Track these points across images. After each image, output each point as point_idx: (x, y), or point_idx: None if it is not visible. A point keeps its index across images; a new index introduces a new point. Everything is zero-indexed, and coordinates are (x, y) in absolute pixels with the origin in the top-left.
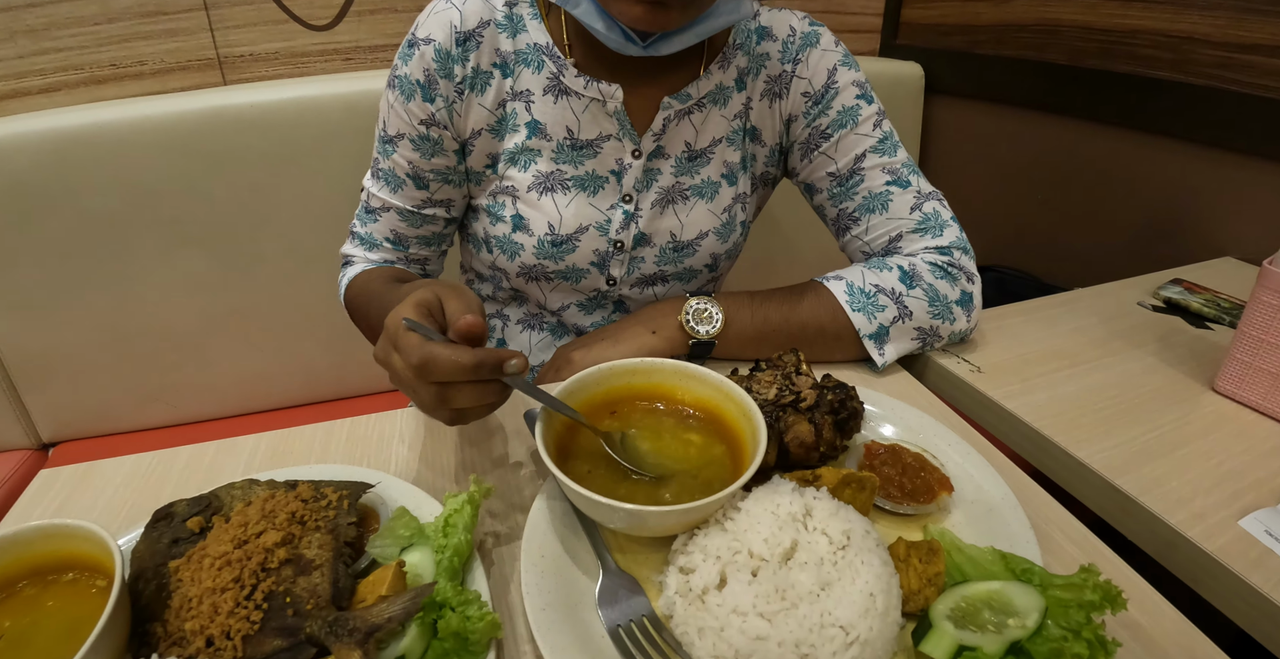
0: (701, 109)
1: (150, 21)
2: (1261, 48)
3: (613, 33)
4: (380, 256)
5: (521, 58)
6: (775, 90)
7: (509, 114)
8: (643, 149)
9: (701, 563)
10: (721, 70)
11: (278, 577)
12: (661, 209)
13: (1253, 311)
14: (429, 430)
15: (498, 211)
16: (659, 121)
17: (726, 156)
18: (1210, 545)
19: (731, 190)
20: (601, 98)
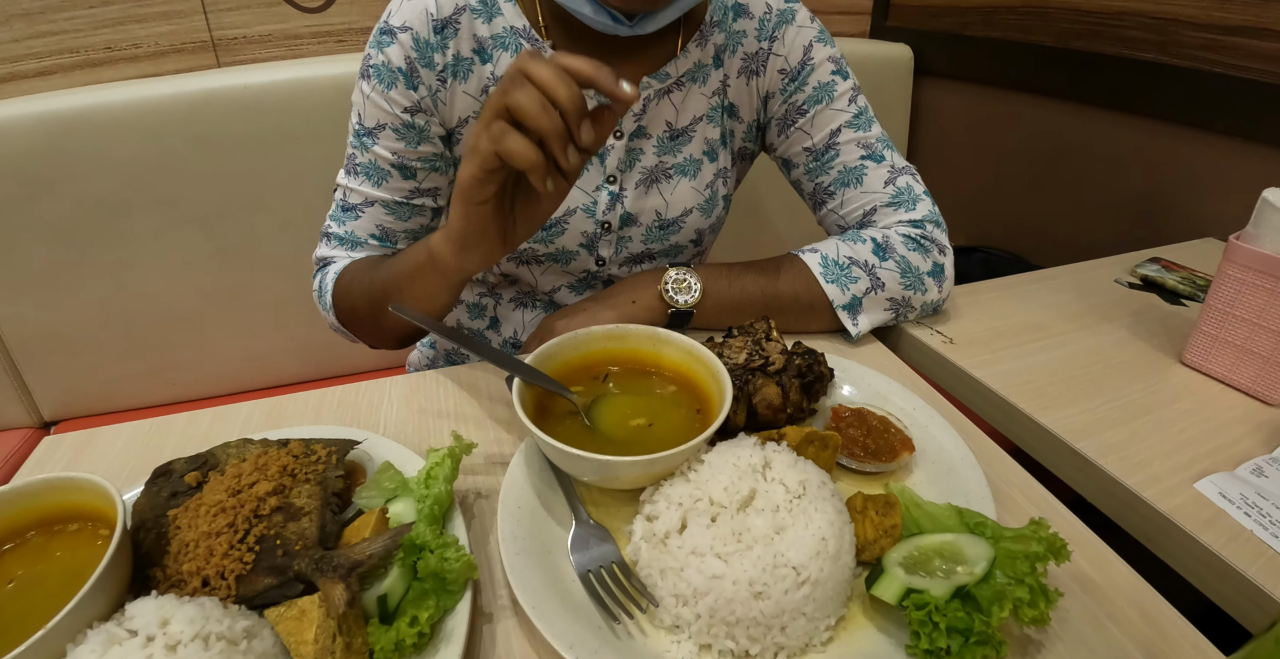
0: (681, 87)
1: (144, 4)
2: (1245, 30)
3: (600, 16)
4: (364, 255)
5: (499, 42)
6: (752, 68)
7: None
8: (624, 129)
9: (665, 510)
10: (699, 48)
11: (269, 522)
12: (646, 188)
13: (1219, 285)
14: (417, 395)
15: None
16: (639, 101)
17: (707, 133)
18: (1164, 506)
19: (713, 166)
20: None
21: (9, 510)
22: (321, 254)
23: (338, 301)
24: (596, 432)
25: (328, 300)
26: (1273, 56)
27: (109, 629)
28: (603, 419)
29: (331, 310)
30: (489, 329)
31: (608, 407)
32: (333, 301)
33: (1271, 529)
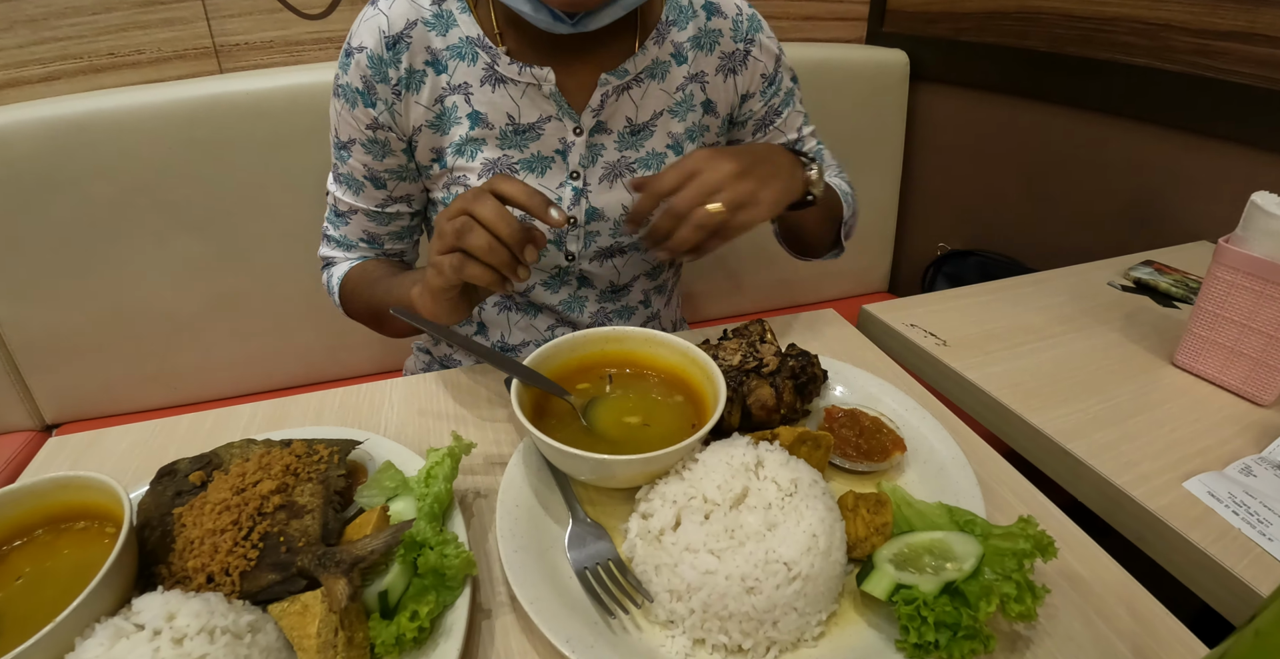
0: (640, 84)
1: (147, 11)
2: (1236, 35)
3: (540, 14)
4: (358, 255)
5: (455, 52)
6: (730, 66)
7: (448, 108)
8: (583, 126)
9: (660, 508)
10: (657, 46)
11: (272, 520)
12: (610, 183)
13: (1209, 287)
14: (417, 396)
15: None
16: (597, 98)
17: (670, 128)
18: (1153, 505)
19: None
20: (536, 82)
21: (18, 508)
22: (324, 253)
23: (345, 303)
24: (593, 432)
25: (337, 299)
26: (1264, 61)
27: (117, 623)
28: (599, 419)
29: (340, 307)
30: (476, 334)
31: (604, 407)
32: (340, 302)
33: (1259, 527)
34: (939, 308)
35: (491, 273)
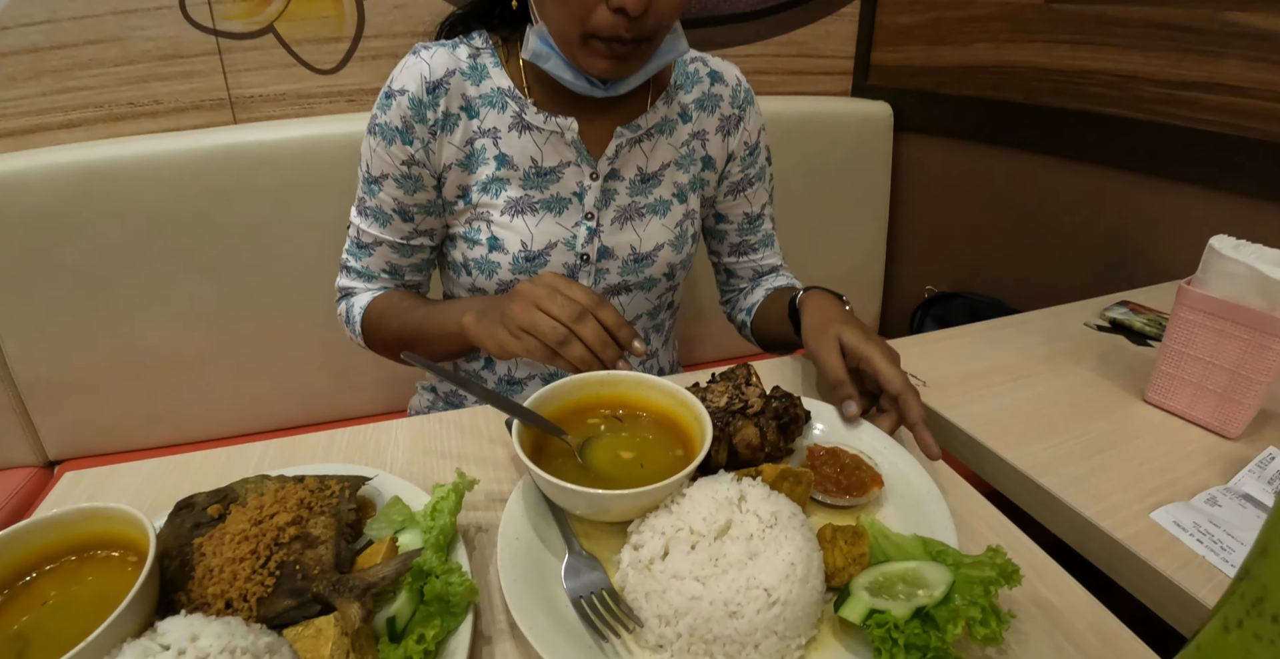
0: (650, 138)
1: (167, 64)
2: (1200, 85)
3: (579, 80)
4: (379, 286)
5: (486, 100)
6: (727, 128)
7: (477, 150)
8: (599, 172)
9: (650, 539)
10: (666, 105)
11: (288, 549)
12: (621, 225)
13: (1174, 327)
14: (422, 436)
15: (474, 236)
16: (612, 148)
17: (676, 178)
18: (1121, 535)
19: (682, 207)
20: (559, 130)
21: (46, 537)
22: (343, 284)
23: (367, 332)
24: (589, 469)
25: (357, 328)
26: (1226, 109)
27: (143, 643)
28: (595, 458)
29: (361, 337)
30: (484, 369)
31: (599, 446)
32: (362, 330)
33: (1222, 554)
34: (920, 350)
35: (597, 362)
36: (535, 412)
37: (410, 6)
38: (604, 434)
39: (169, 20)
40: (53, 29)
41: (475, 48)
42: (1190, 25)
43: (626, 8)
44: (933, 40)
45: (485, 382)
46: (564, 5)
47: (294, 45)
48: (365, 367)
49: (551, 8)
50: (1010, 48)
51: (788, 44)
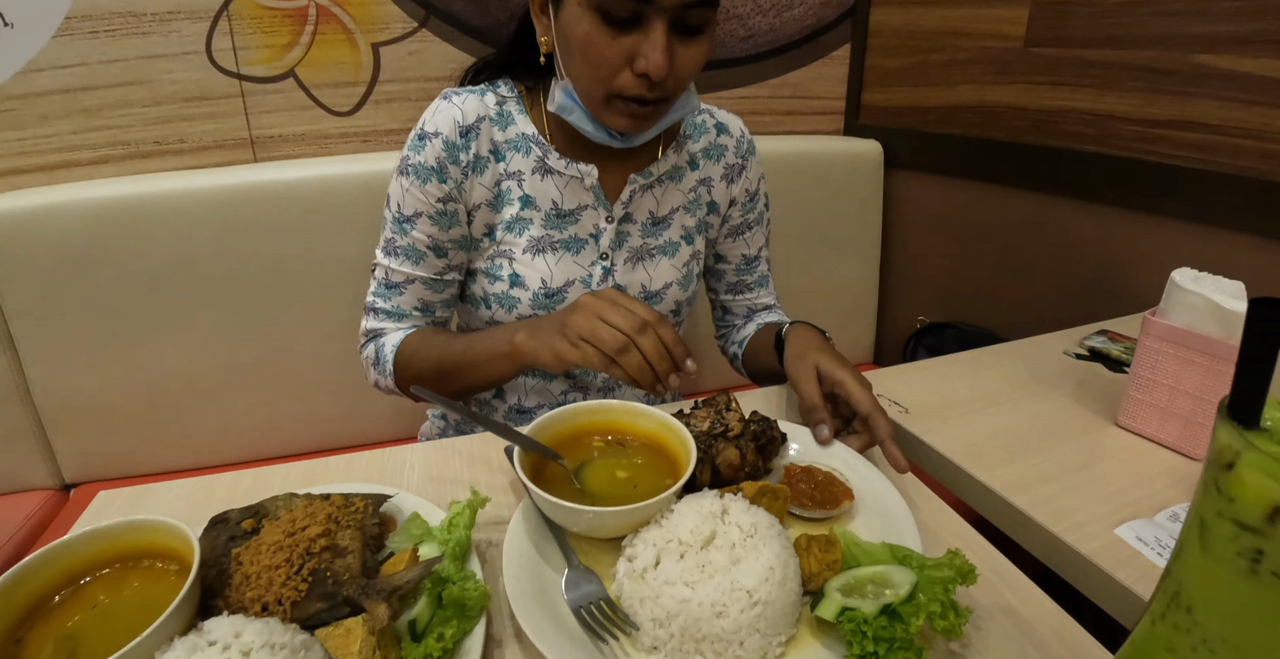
0: (661, 184)
1: (193, 105)
2: (1172, 123)
3: (600, 132)
4: (410, 325)
5: (512, 145)
6: (730, 176)
7: (504, 191)
8: (614, 215)
9: (642, 550)
10: (676, 154)
11: (319, 558)
12: (633, 264)
13: (1140, 355)
14: (434, 460)
15: (496, 272)
16: (627, 193)
17: (683, 222)
18: (1085, 549)
19: (689, 249)
20: (580, 176)
21: (96, 547)
22: (371, 326)
23: (400, 369)
24: (584, 491)
25: (388, 367)
26: (1197, 145)
27: (191, 639)
28: (589, 480)
29: (391, 376)
30: (495, 397)
31: (593, 470)
32: (394, 369)
33: None
34: (904, 378)
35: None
36: (534, 438)
37: (423, 53)
38: (597, 458)
39: (195, 65)
40: (85, 71)
41: (501, 95)
42: (1162, 67)
43: (649, 73)
44: (919, 82)
45: (495, 411)
46: (591, 67)
47: (313, 89)
48: (377, 395)
49: (578, 68)
50: (992, 89)
51: (781, 86)
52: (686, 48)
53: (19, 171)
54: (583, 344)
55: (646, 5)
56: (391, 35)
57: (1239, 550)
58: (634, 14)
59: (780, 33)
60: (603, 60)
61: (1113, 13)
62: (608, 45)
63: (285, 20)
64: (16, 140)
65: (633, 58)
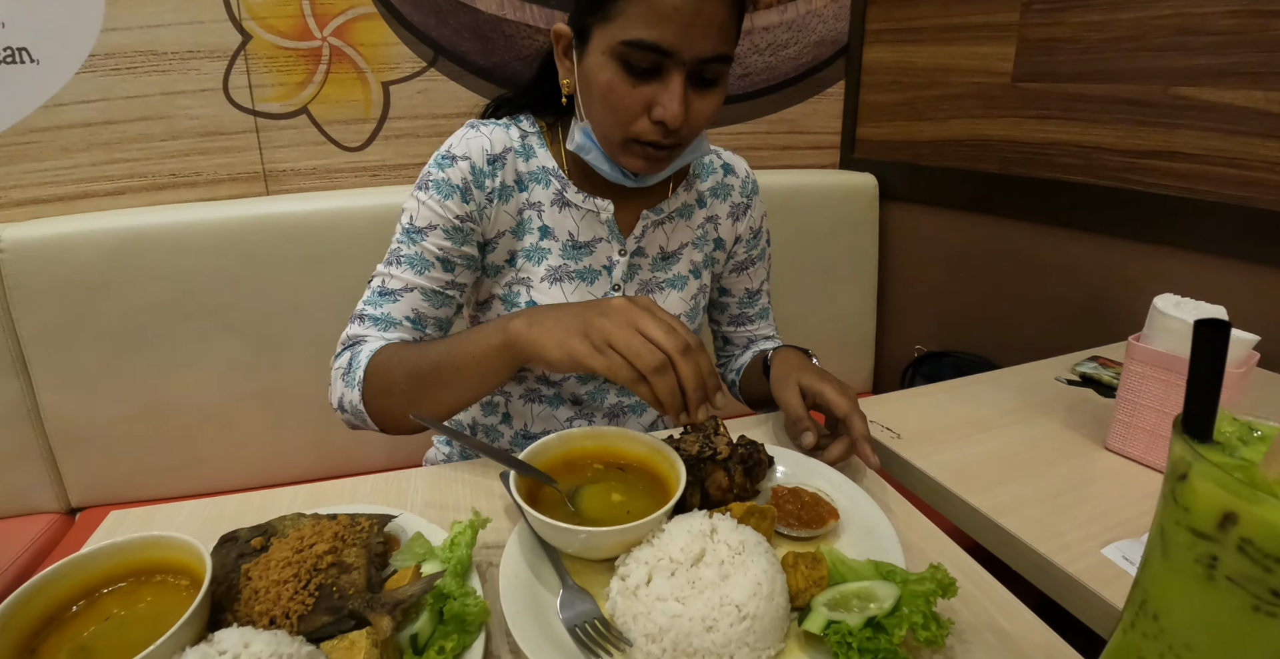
0: (671, 220)
1: (209, 140)
2: (1157, 153)
3: (615, 172)
4: (396, 336)
5: (533, 177)
6: (736, 214)
7: (525, 220)
8: (627, 249)
9: (635, 569)
10: (686, 192)
11: (326, 574)
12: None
13: (1126, 379)
14: (437, 485)
15: (513, 299)
16: (639, 228)
17: (691, 256)
18: (1072, 568)
19: (696, 283)
20: (596, 210)
21: (112, 561)
22: (354, 332)
23: (371, 377)
24: (578, 514)
25: (358, 375)
26: (1183, 175)
27: (203, 649)
28: (583, 504)
29: (359, 385)
30: (501, 423)
31: (587, 494)
32: (364, 376)
33: None
34: (899, 405)
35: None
36: (529, 463)
37: (431, 92)
38: (591, 482)
39: (213, 101)
40: (107, 106)
41: (524, 129)
42: (1145, 99)
43: (666, 121)
44: (912, 117)
45: (502, 436)
46: (611, 112)
47: (325, 125)
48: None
49: (599, 112)
50: (983, 123)
51: (778, 122)
52: (701, 99)
53: (40, 201)
54: (610, 353)
55: (667, 58)
56: (401, 74)
57: (1196, 557)
58: (654, 65)
59: (777, 71)
60: (623, 107)
61: (1096, 48)
62: (628, 93)
63: (300, 60)
64: (39, 171)
65: (651, 106)
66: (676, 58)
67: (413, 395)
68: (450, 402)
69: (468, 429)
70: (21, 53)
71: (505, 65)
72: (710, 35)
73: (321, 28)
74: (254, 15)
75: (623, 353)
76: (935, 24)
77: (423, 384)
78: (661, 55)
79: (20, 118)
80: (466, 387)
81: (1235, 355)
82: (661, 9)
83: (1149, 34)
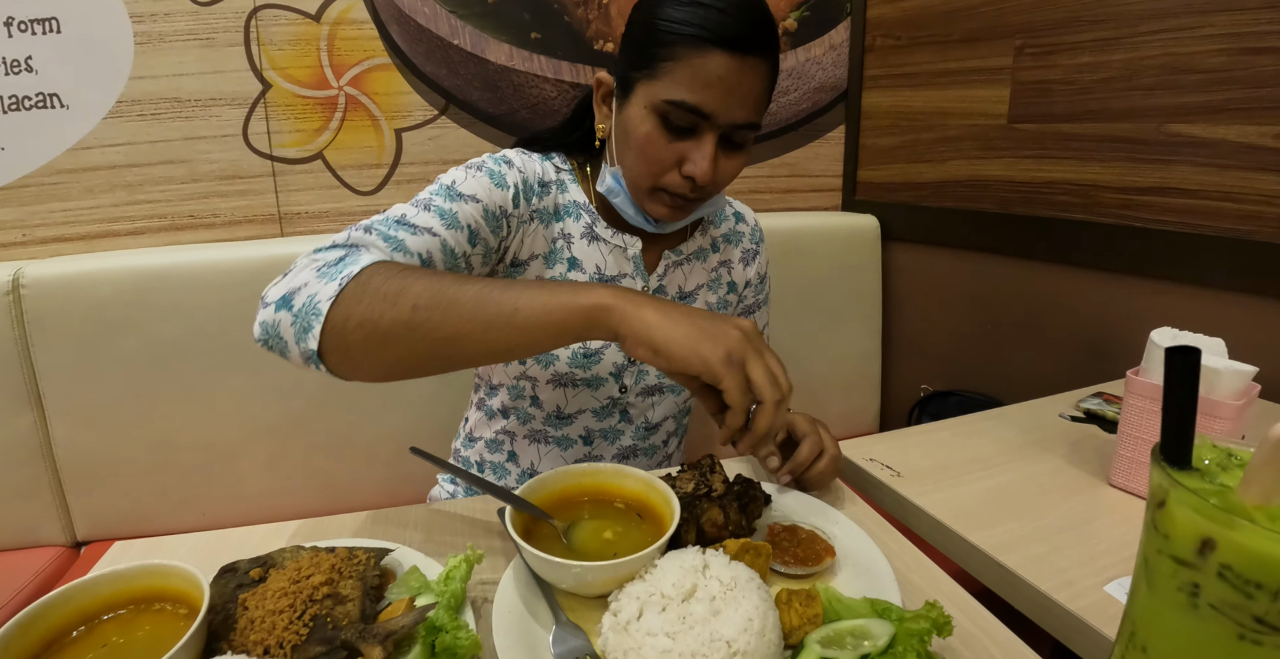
0: (689, 262)
1: (227, 183)
2: (1154, 190)
3: (638, 217)
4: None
5: (565, 210)
6: (746, 259)
7: (557, 248)
8: (649, 286)
9: (626, 604)
10: (702, 236)
11: (321, 605)
12: None
13: (1127, 414)
14: (436, 521)
15: None
16: (662, 267)
17: (706, 298)
18: (1074, 606)
19: None
20: (624, 246)
21: (112, 588)
22: (357, 237)
23: (370, 278)
24: (573, 549)
25: (348, 270)
26: (1181, 210)
27: None
28: (577, 539)
29: (343, 280)
30: (508, 461)
31: (582, 529)
32: (360, 274)
33: None
34: (901, 443)
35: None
36: (526, 499)
37: (442, 138)
38: (586, 518)
39: (232, 146)
40: (131, 150)
41: (557, 166)
42: (1140, 137)
43: (695, 177)
44: (912, 159)
45: (509, 473)
46: (644, 162)
47: (339, 170)
48: (387, 459)
49: (632, 160)
50: (981, 164)
51: (780, 165)
52: (729, 159)
53: (63, 239)
54: (739, 370)
55: (704, 120)
56: (413, 121)
57: (1179, 585)
58: (691, 125)
59: (777, 117)
60: (656, 159)
61: (1089, 89)
62: (664, 147)
63: (317, 108)
64: (62, 211)
65: (682, 161)
66: (713, 121)
67: (424, 318)
68: (466, 350)
69: (474, 466)
70: (53, 98)
71: (514, 113)
72: (746, 105)
73: (338, 77)
74: (274, 65)
75: (754, 378)
76: (931, 69)
77: (445, 311)
78: (699, 117)
79: (48, 159)
80: (501, 338)
81: (1234, 387)
82: (706, 76)
83: (1139, 74)
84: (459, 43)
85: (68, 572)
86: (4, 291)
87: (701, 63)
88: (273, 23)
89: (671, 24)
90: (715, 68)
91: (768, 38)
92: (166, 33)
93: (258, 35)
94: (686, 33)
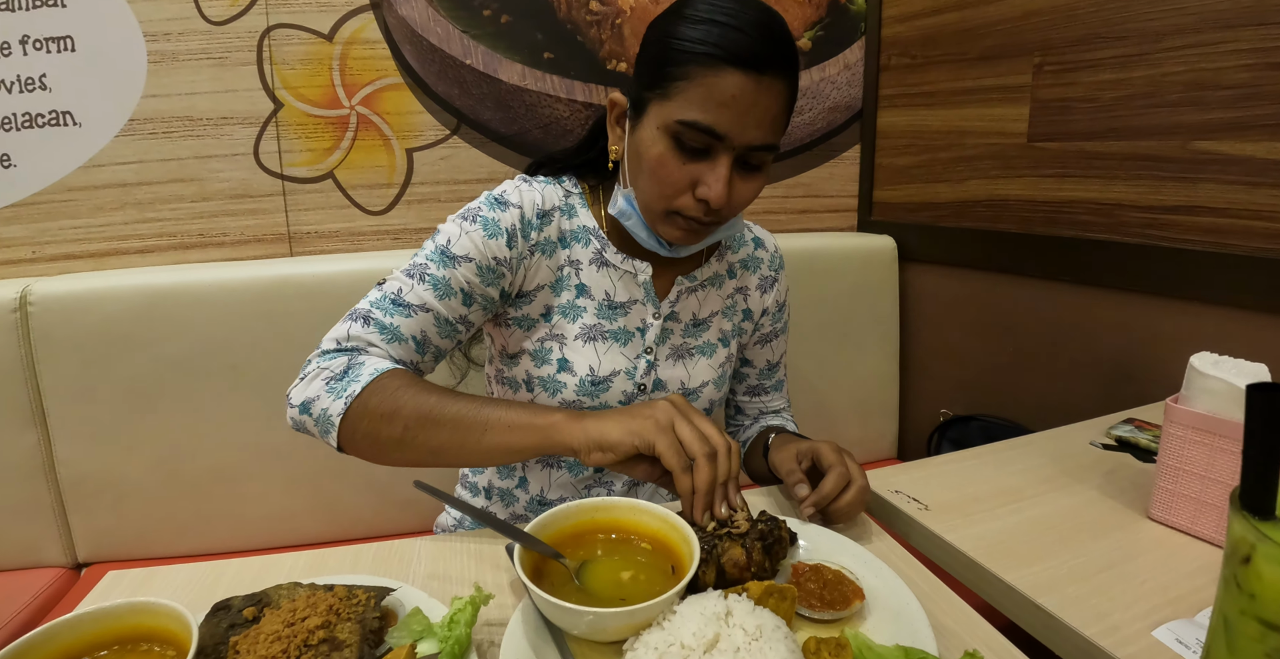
0: (703, 288)
1: (237, 202)
2: (1180, 208)
3: (651, 240)
4: (401, 353)
5: (574, 236)
6: (764, 287)
7: (564, 276)
8: (661, 313)
9: (644, 655)
10: (718, 261)
11: (316, 651)
12: (674, 361)
13: (1166, 444)
14: (442, 555)
15: (544, 355)
16: (674, 293)
17: (721, 325)
18: (1122, 653)
19: (724, 351)
20: (634, 271)
21: (97, 627)
22: (357, 334)
23: (370, 396)
24: (585, 591)
25: (353, 388)
26: (1208, 229)
27: None
28: (591, 580)
29: (348, 398)
30: (518, 487)
31: (595, 569)
32: (362, 393)
33: None
34: (925, 473)
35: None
36: (535, 536)
37: (453, 158)
38: (599, 557)
39: (243, 165)
40: (141, 168)
41: (567, 189)
42: (1164, 155)
43: (709, 200)
44: (929, 179)
45: (518, 500)
46: (658, 184)
47: (350, 189)
48: (394, 485)
49: (645, 182)
50: (1000, 183)
51: (795, 186)
52: (744, 182)
53: (72, 257)
54: (671, 434)
55: (718, 141)
56: (425, 141)
57: (1267, 652)
58: (705, 146)
59: (792, 136)
60: (670, 181)
61: (1110, 106)
62: (677, 169)
63: (328, 127)
64: (72, 228)
65: (696, 183)
66: (728, 142)
67: (413, 435)
68: (452, 459)
69: (483, 492)
70: (66, 115)
71: (526, 133)
72: (762, 125)
73: (350, 97)
74: (286, 85)
75: (682, 437)
76: (948, 88)
77: (428, 424)
78: (714, 138)
79: (59, 177)
80: (475, 445)
81: None
82: (721, 96)
83: (1163, 90)
84: (471, 62)
85: (66, 594)
86: (11, 309)
87: (715, 82)
88: (286, 42)
89: (685, 43)
90: (729, 87)
91: (785, 56)
92: (180, 51)
93: (270, 54)
94: (700, 51)
